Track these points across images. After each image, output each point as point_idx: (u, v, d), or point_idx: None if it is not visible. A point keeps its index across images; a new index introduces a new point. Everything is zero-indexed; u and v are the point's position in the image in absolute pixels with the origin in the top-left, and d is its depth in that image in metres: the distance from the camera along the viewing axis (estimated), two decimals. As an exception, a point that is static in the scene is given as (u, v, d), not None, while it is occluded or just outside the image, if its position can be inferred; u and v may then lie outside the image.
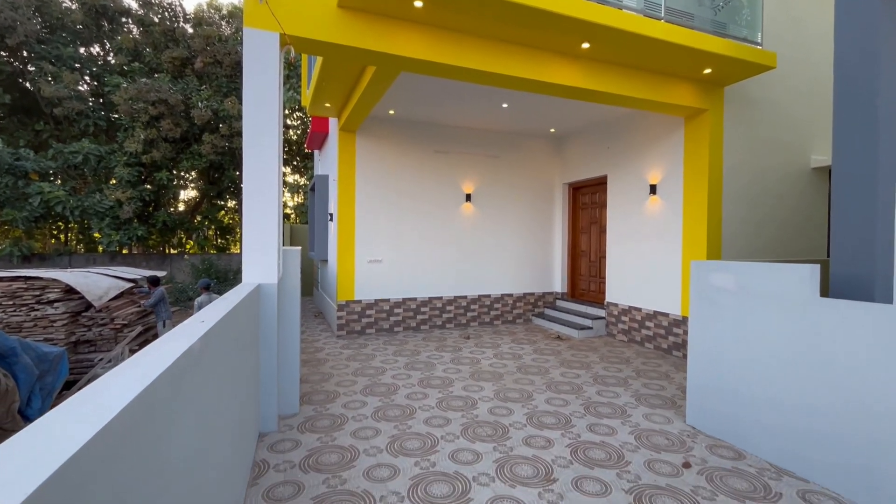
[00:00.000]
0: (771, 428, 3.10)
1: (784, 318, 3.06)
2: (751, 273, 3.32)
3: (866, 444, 2.60)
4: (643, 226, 6.59)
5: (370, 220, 7.20)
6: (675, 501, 2.59)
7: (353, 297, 7.10)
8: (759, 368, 3.20)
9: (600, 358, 5.78)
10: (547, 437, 3.43)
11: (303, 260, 12.43)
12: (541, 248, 8.50)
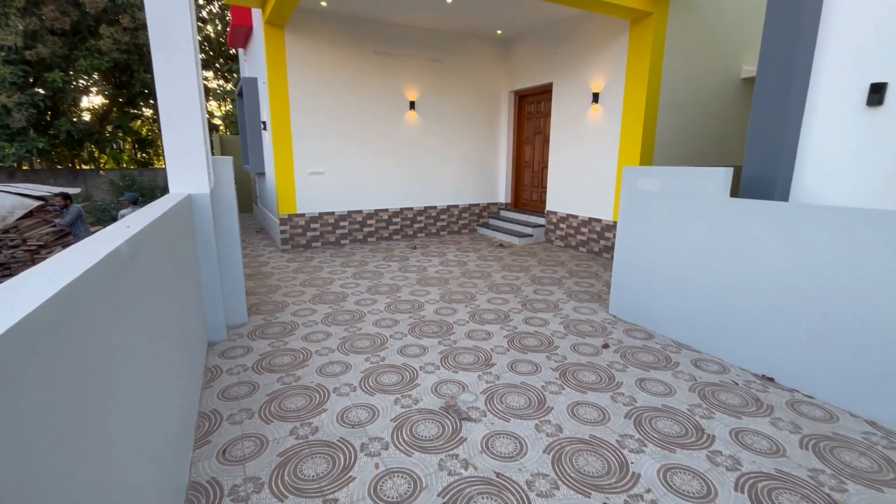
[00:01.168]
0: (677, 312, 3.59)
1: (699, 216, 3.39)
2: (673, 177, 3.58)
3: (748, 318, 3.10)
4: (584, 135, 6.72)
5: (309, 129, 6.76)
6: (592, 374, 3.03)
7: (296, 210, 6.89)
8: (674, 262, 3.60)
9: (538, 262, 6.19)
10: (487, 331, 3.76)
11: (238, 174, 11.66)
12: (486, 160, 8.50)
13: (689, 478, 2.05)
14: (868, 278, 2.50)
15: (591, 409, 2.60)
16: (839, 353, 2.63)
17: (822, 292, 2.71)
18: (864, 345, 2.53)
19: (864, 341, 2.53)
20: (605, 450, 2.24)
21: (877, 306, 2.47)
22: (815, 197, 3.56)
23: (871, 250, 2.49)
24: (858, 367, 2.56)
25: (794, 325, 2.84)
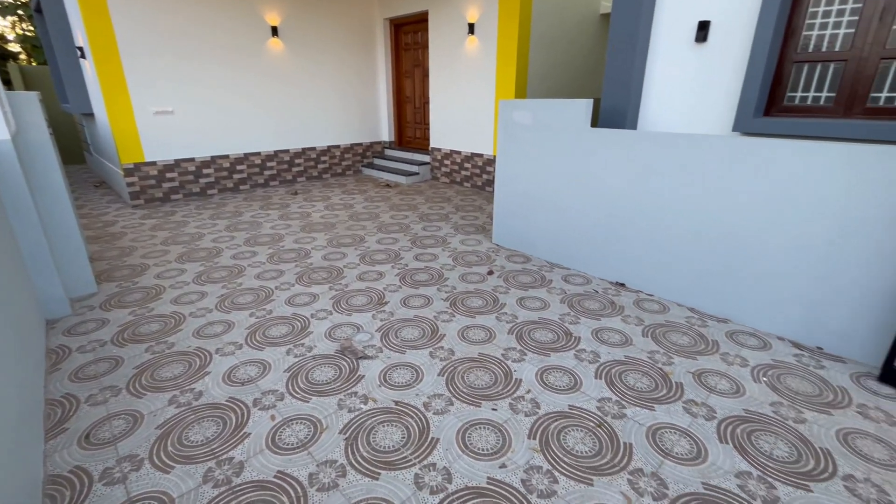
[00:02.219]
0: (549, 235, 3.96)
1: (565, 145, 3.67)
2: (543, 109, 3.78)
3: (605, 235, 3.55)
4: (463, 68, 6.68)
5: (145, 59, 5.60)
6: (480, 299, 3.25)
7: (143, 158, 5.86)
8: (545, 189, 3.90)
9: (426, 199, 6.25)
10: (379, 271, 3.76)
11: (55, 115, 9.40)
12: (366, 96, 8.03)
13: (561, 374, 2.38)
14: (693, 194, 3.01)
15: (479, 331, 2.82)
16: (671, 259, 3.19)
17: (659, 208, 3.19)
18: (688, 251, 3.09)
19: (688, 248, 3.09)
20: (492, 364, 2.48)
21: (698, 219, 3.00)
22: (658, 125, 4.08)
23: (698, 170, 2.97)
24: (684, 269, 3.14)
25: (638, 237, 3.34)
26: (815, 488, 1.69)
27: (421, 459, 1.83)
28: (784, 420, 2.05)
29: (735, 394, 2.23)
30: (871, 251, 2.38)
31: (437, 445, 1.90)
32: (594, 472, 1.77)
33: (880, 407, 2.14)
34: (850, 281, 2.47)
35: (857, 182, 2.38)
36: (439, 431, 1.98)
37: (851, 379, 2.35)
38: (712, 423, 2.02)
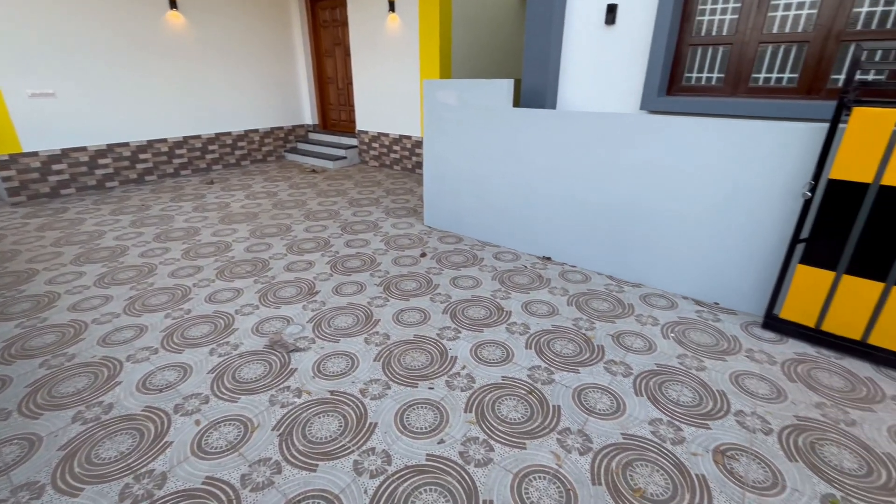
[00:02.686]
0: (478, 214, 4.04)
1: (490, 125, 3.73)
2: (466, 89, 3.79)
3: (531, 211, 3.70)
4: (386, 48, 6.50)
5: (13, 31, 4.81)
6: (413, 282, 3.26)
7: (20, 148, 5.09)
8: (472, 169, 3.95)
9: (355, 184, 6.09)
10: (308, 260, 3.62)
11: None
12: (284, 76, 7.57)
13: (494, 348, 2.47)
14: (606, 170, 3.20)
15: (414, 313, 2.83)
16: (590, 231, 3.40)
17: (577, 184, 3.37)
18: (603, 222, 3.31)
19: (603, 220, 3.30)
20: (428, 344, 2.51)
21: (612, 192, 3.21)
22: (576, 104, 4.27)
23: (611, 147, 3.16)
24: (601, 240, 3.36)
25: (560, 212, 3.51)
26: (713, 426, 1.93)
27: (360, 446, 1.82)
28: (688, 370, 2.30)
29: (648, 351, 2.45)
30: (752, 215, 2.70)
31: (375, 430, 1.90)
32: (527, 436, 1.87)
33: (763, 350, 2.47)
34: (737, 242, 2.79)
35: (742, 153, 2.67)
36: (377, 416, 1.98)
37: (741, 328, 2.68)
38: (629, 380, 2.22)
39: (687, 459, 1.76)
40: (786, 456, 1.78)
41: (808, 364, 2.35)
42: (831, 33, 3.18)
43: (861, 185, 2.22)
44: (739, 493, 1.62)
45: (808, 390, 2.15)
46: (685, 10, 3.63)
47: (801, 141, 2.48)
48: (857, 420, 1.96)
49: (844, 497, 1.61)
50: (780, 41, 3.36)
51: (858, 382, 2.21)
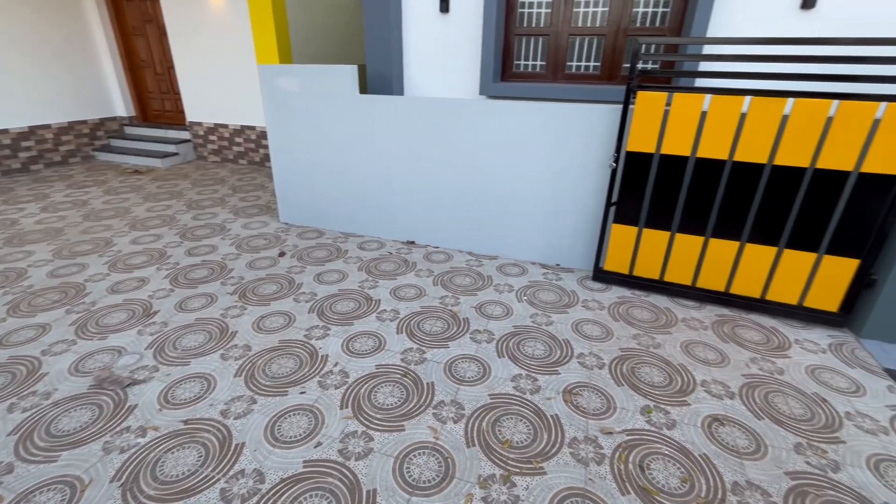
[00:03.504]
0: (338, 205, 3.92)
1: (337, 113, 3.61)
2: (308, 75, 3.60)
3: (391, 198, 3.72)
4: (212, 28, 5.77)
5: None
6: (273, 284, 3.04)
7: None
8: (326, 160, 3.80)
9: (192, 184, 5.37)
10: (139, 277, 3.10)
11: None
12: (78, 58, 6.20)
13: (366, 339, 2.46)
14: (454, 152, 3.38)
15: (277, 318, 2.65)
16: (447, 212, 3.57)
17: (429, 167, 3.49)
18: (458, 202, 3.50)
19: (458, 200, 3.49)
20: (296, 347, 2.38)
21: (462, 173, 3.41)
22: (422, 90, 4.37)
23: (456, 130, 3.32)
24: (459, 219, 3.55)
25: (418, 196, 3.61)
26: (562, 371, 2.23)
27: (226, 472, 1.66)
28: (540, 326, 2.60)
29: (506, 316, 2.71)
30: (577, 185, 3.14)
31: (243, 451, 1.75)
32: (404, 417, 1.92)
33: (594, 299, 2.92)
34: (567, 209, 3.22)
35: (565, 132, 3.05)
36: (244, 435, 1.82)
37: (577, 283, 3.12)
38: (492, 345, 2.42)
39: (543, 405, 2.00)
40: (615, 383, 2.15)
41: (627, 304, 2.86)
42: (620, 29, 3.79)
43: (648, 154, 2.74)
44: (584, 422, 1.91)
45: (627, 325, 2.62)
46: (508, 2, 3.96)
47: (605, 120, 2.94)
48: (661, 342, 2.47)
49: (656, 405, 2.02)
50: (584, 34, 3.89)
51: (660, 312, 2.77)
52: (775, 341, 2.51)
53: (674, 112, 2.60)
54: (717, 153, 2.59)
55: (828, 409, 2.02)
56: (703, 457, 1.76)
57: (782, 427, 1.91)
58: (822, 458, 1.76)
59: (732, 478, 1.67)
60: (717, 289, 2.85)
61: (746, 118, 2.47)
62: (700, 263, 2.83)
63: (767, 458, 1.76)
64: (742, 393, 2.11)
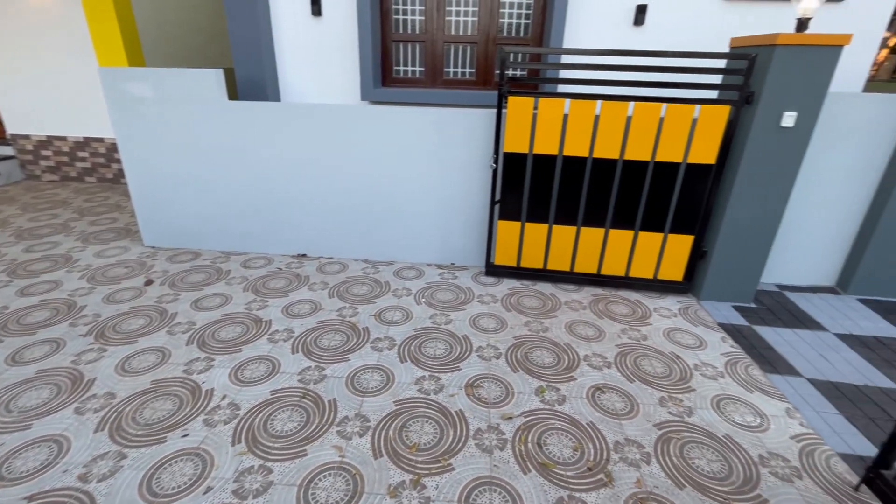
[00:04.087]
0: (215, 222, 3.57)
1: (204, 121, 3.28)
2: (163, 79, 3.22)
3: (273, 211, 3.49)
4: (33, 21, 4.84)
5: None
6: (140, 318, 2.66)
7: None
8: (195, 172, 3.43)
9: (22, 209, 4.47)
10: (-51, 330, 2.49)
11: None
12: None
13: (258, 364, 2.28)
14: (341, 159, 3.29)
15: (146, 356, 2.32)
16: (339, 220, 3.46)
17: (316, 176, 3.35)
18: (350, 210, 3.42)
19: (349, 208, 3.41)
20: (173, 386, 2.11)
21: (350, 180, 3.33)
22: (303, 95, 4.18)
23: (340, 137, 3.23)
24: (351, 227, 3.47)
25: (306, 206, 3.45)
26: (462, 366, 2.31)
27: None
28: (439, 326, 2.66)
29: (406, 320, 2.72)
30: (463, 185, 3.27)
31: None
32: (306, 441, 1.82)
33: (488, 293, 3.08)
34: (457, 209, 3.34)
35: (448, 136, 3.16)
36: (112, 499, 1.56)
37: (472, 279, 3.26)
38: (394, 351, 2.41)
39: (447, 402, 2.05)
40: (511, 370, 2.29)
41: (517, 294, 3.06)
42: (489, 37, 4.04)
43: (523, 155, 2.97)
44: (486, 412, 2.00)
45: (518, 314, 2.81)
46: (382, 7, 3.98)
47: (483, 123, 3.10)
48: (549, 326, 2.69)
49: (548, 385, 2.19)
50: (458, 42, 4.07)
51: (546, 299, 3.02)
52: (639, 312, 2.90)
53: (541, 115, 2.84)
54: (579, 151, 2.90)
55: (681, 364, 2.38)
56: (589, 424, 1.95)
57: (649, 386, 2.21)
58: (679, 407, 2.08)
59: (614, 438, 1.89)
60: (591, 272, 3.19)
61: (600, 120, 2.80)
62: (575, 250, 3.15)
63: (639, 415, 2.02)
64: (617, 361, 2.39)
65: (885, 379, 2.34)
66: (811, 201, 3.11)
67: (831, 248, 3.25)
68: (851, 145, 2.95)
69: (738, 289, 3.04)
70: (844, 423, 2.04)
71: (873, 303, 3.11)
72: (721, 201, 2.90)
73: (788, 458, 1.83)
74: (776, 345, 2.60)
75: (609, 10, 3.73)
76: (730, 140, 2.77)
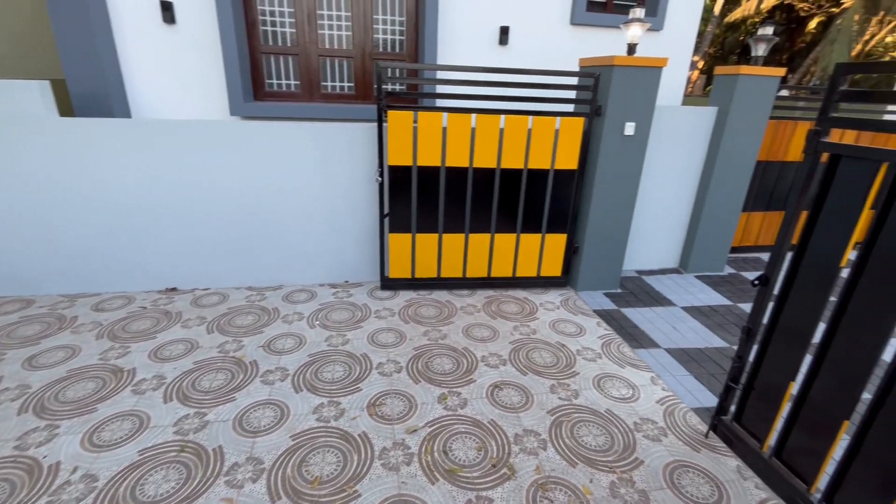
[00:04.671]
0: (55, 262, 2.99)
1: (24, 142, 2.74)
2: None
3: (133, 242, 3.03)
4: None
5: None
6: (-54, 390, 2.10)
7: None
8: (17, 204, 2.84)
9: None
10: None
11: None
12: None
13: (119, 423, 1.94)
14: (214, 180, 2.99)
15: (-42, 437, 1.84)
16: (216, 247, 3.14)
17: (185, 200, 3.01)
18: (229, 235, 3.12)
19: (228, 232, 3.11)
20: (3, 468, 1.70)
21: (228, 203, 3.05)
22: (159, 111, 3.73)
23: (210, 156, 2.94)
24: (232, 253, 3.17)
25: (174, 235, 3.06)
26: (363, 385, 2.24)
27: None
28: (336, 348, 2.55)
29: (299, 346, 2.56)
30: (350, 200, 3.20)
31: None
32: (188, 501, 1.60)
33: (385, 307, 3.04)
34: (347, 225, 3.26)
35: (329, 150, 3.07)
36: None
37: (368, 295, 3.20)
38: (287, 382, 2.25)
39: (349, 426, 1.97)
40: (413, 382, 2.28)
41: (415, 305, 3.08)
42: (365, 53, 4.05)
43: (408, 167, 3.01)
44: (390, 429, 1.97)
45: (417, 325, 2.82)
46: (248, 18, 3.76)
47: (366, 137, 3.08)
48: (447, 333, 2.75)
49: (450, 391, 2.23)
50: (334, 55, 4.01)
51: (443, 306, 3.08)
52: (527, 308, 3.11)
53: (421, 129, 2.92)
54: (461, 162, 3.03)
55: (566, 352, 2.61)
56: (491, 422, 2.03)
57: (540, 376, 2.38)
58: (567, 391, 2.27)
59: (513, 431, 1.98)
60: (482, 275, 3.34)
61: (476, 132, 2.97)
62: (466, 257, 3.27)
63: (534, 405, 2.16)
64: (511, 357, 2.53)
65: (719, 340, 2.83)
66: (654, 197, 3.65)
67: (673, 236, 3.85)
68: (678, 149, 3.54)
69: (607, 277, 3.44)
70: (694, 381, 2.41)
71: (706, 278, 3.75)
72: (585, 201, 3.26)
73: (656, 420, 2.10)
74: (639, 323, 2.98)
75: (477, 30, 3.99)
76: (587, 147, 3.14)
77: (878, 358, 1.41)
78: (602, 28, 4.18)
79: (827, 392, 1.57)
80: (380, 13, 3.94)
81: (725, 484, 1.78)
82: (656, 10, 4.20)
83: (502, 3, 3.95)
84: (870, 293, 1.43)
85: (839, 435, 1.54)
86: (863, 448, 1.45)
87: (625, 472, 1.80)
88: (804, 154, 1.63)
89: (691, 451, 1.93)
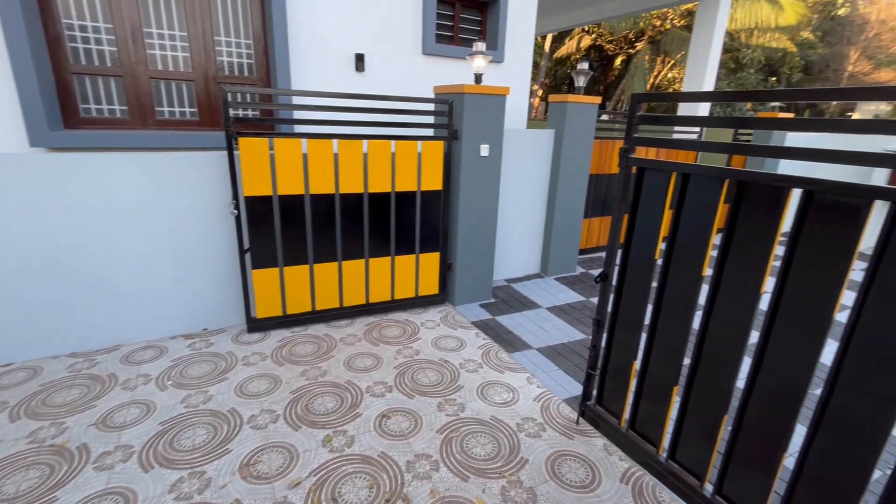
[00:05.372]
0: None
1: None
2: None
3: None
4: None
5: None
6: None
7: None
8: None
9: None
10: None
11: None
12: None
13: None
14: (12, 228, 2.39)
15: None
16: (22, 310, 2.49)
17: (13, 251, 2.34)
18: (41, 293, 2.51)
19: (40, 290, 2.50)
20: None
21: (34, 253, 2.45)
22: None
23: (4, 196, 2.34)
24: (46, 315, 2.55)
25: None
26: (232, 446, 1.97)
27: None
28: (196, 408, 2.21)
29: (147, 415, 2.15)
30: (204, 237, 2.86)
31: None
32: None
33: (255, 351, 2.76)
34: (202, 265, 2.89)
35: (170, 183, 2.70)
36: None
37: (233, 341, 2.86)
38: (132, 461, 1.87)
39: (218, 497, 1.71)
40: (293, 429, 2.09)
41: (289, 344, 2.85)
42: (208, 76, 3.71)
43: (268, 197, 2.80)
44: (269, 488, 1.76)
45: (293, 366, 2.61)
46: (49, 31, 3.17)
47: (215, 167, 2.79)
48: (327, 369, 2.59)
49: (334, 431, 2.09)
50: (169, 78, 3.59)
51: (320, 340, 2.91)
52: (409, 330, 3.11)
53: (279, 156, 2.75)
54: (326, 188, 2.93)
55: (450, 367, 2.66)
56: (381, 455, 1.95)
57: (427, 396, 2.38)
58: (454, 406, 2.30)
59: (405, 458, 1.94)
60: (361, 302, 3.25)
61: (339, 158, 2.91)
62: (341, 285, 3.16)
63: (423, 427, 2.14)
64: (397, 383, 2.48)
65: (579, 333, 3.18)
66: (513, 210, 4.00)
67: (533, 244, 4.25)
68: (527, 166, 3.95)
69: (480, 289, 3.63)
70: (563, 374, 2.66)
71: (563, 279, 4.21)
72: (453, 219, 3.42)
73: (535, 417, 2.25)
74: (512, 328, 3.20)
75: (333, 57, 3.96)
76: (449, 168, 3.31)
77: (690, 328, 1.72)
78: (451, 59, 4.50)
79: (659, 364, 1.86)
80: (222, 34, 3.67)
81: (596, 463, 1.97)
82: (496, 44, 4.69)
83: (355, 32, 3.99)
84: (677, 277, 1.74)
85: (672, 399, 1.83)
86: (689, 407, 1.74)
87: (513, 475, 1.88)
88: (619, 167, 1.94)
89: (566, 440, 2.11)
